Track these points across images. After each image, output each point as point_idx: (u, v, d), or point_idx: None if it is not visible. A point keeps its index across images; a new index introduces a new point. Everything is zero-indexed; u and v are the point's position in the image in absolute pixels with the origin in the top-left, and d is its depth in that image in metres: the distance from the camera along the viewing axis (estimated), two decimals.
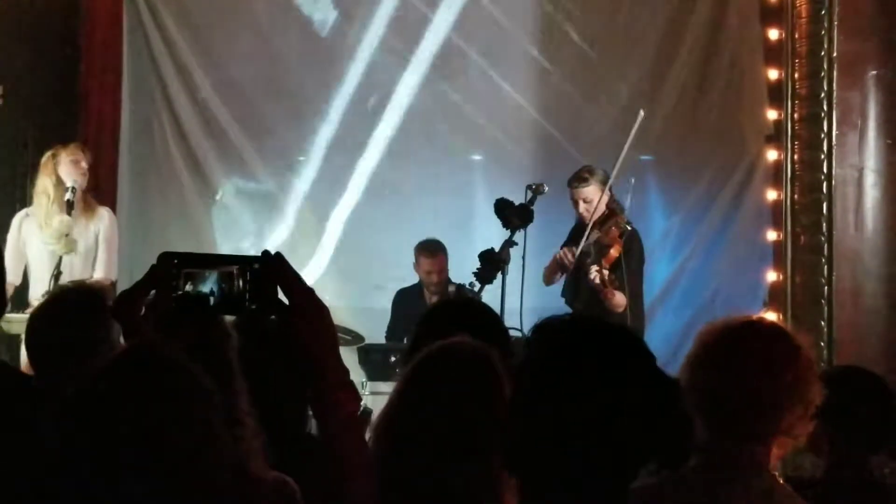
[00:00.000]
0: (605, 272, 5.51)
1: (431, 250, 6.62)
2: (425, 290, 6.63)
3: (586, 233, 5.74)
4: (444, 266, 6.60)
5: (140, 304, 1.58)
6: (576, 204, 5.86)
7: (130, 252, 5.87)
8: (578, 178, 5.85)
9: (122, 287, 4.78)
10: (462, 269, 6.56)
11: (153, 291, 1.56)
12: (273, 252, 1.57)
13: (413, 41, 7.43)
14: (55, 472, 1.38)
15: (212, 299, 1.54)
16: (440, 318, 2.78)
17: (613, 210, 5.82)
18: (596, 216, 5.75)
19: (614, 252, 5.63)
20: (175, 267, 1.53)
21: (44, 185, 5.66)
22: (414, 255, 6.67)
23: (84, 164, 5.63)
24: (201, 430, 1.47)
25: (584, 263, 5.67)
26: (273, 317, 1.54)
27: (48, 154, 5.75)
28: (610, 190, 5.85)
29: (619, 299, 5.58)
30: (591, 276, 5.52)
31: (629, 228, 5.77)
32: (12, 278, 5.65)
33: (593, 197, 5.78)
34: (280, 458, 1.99)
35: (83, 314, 2.83)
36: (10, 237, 5.72)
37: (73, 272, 5.57)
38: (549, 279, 6.04)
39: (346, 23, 7.45)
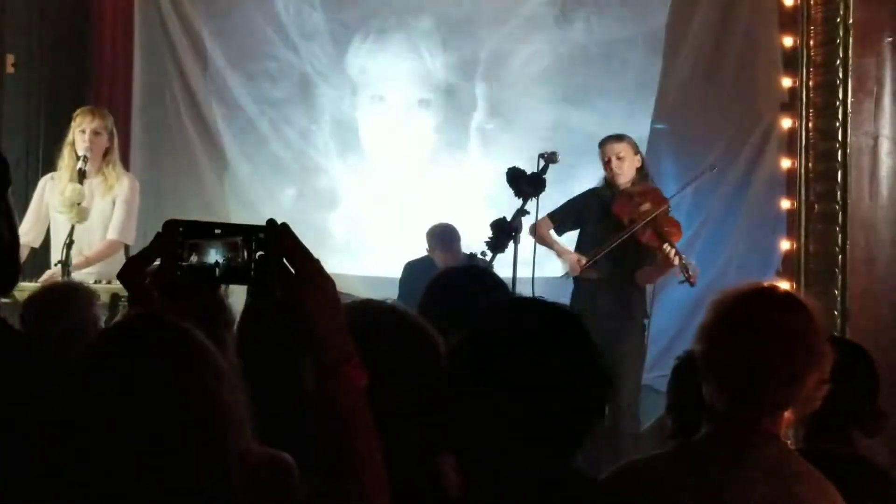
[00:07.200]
0: (682, 257, 5.56)
1: (448, 243, 6.45)
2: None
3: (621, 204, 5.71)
4: (459, 254, 6.37)
5: (145, 272, 1.57)
6: (608, 162, 5.78)
7: (143, 221, 5.86)
8: (613, 136, 5.82)
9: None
10: (475, 239, 6.52)
11: (158, 260, 1.55)
12: (280, 222, 1.56)
13: (426, 4, 7.41)
14: (59, 443, 1.38)
15: (217, 270, 1.53)
16: (447, 284, 2.80)
17: (645, 175, 5.80)
18: (628, 178, 5.72)
19: (676, 239, 5.65)
20: (180, 235, 1.53)
21: (62, 151, 5.61)
22: (427, 241, 6.52)
23: (88, 133, 5.53)
24: (210, 401, 1.47)
25: (634, 232, 5.65)
26: (278, 287, 1.53)
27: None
28: (641, 156, 5.82)
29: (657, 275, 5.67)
30: (671, 258, 5.53)
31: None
32: (29, 240, 5.57)
33: (626, 154, 5.74)
34: (284, 431, 1.96)
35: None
36: (34, 199, 5.67)
37: (91, 241, 5.55)
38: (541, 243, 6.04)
39: None
